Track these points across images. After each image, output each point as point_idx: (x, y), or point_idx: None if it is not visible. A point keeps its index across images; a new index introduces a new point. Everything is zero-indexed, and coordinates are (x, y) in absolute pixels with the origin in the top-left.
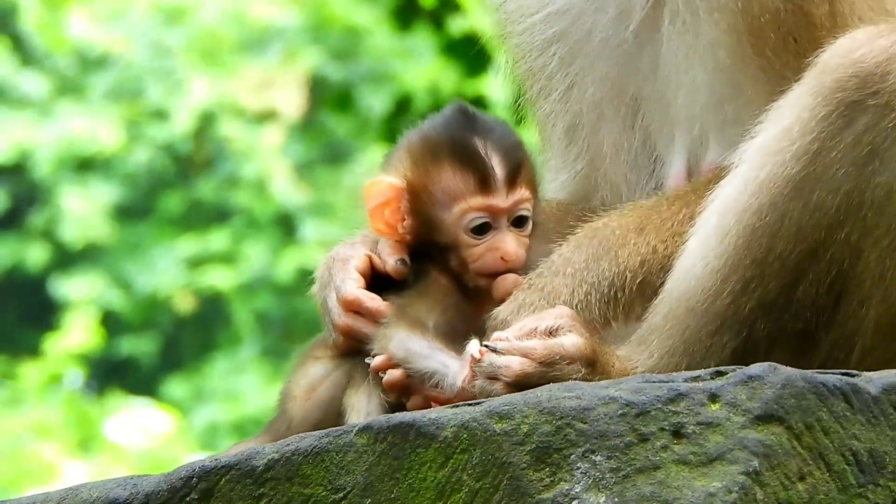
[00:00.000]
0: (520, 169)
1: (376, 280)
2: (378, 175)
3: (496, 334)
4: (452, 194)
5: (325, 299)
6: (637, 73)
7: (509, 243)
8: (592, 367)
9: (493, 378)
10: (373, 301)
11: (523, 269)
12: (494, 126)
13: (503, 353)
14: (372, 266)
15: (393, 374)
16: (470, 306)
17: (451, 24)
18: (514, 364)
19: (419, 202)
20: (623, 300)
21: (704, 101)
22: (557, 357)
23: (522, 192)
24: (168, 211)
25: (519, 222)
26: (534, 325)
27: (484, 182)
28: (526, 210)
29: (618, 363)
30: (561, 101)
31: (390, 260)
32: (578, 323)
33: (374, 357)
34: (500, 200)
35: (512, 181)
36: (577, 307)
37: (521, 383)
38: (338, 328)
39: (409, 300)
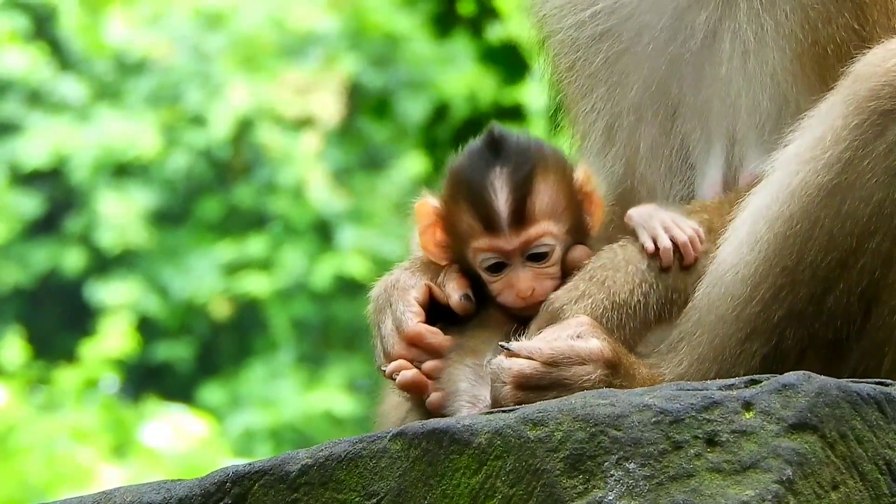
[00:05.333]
0: (527, 206)
1: (434, 309)
2: (426, 195)
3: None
4: (465, 233)
5: (380, 325)
6: (681, 79)
7: (522, 282)
8: (614, 369)
9: (502, 382)
10: (434, 336)
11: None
12: (514, 156)
13: (514, 355)
14: (431, 295)
15: (405, 375)
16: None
17: (489, 31)
18: (515, 365)
19: (448, 232)
20: (679, 302)
21: (755, 121)
22: (563, 358)
23: (534, 230)
24: (205, 217)
25: (536, 258)
26: (556, 333)
27: (488, 224)
28: (544, 246)
29: (644, 369)
30: (602, 100)
31: (455, 295)
32: (599, 329)
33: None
34: (505, 242)
35: (518, 221)
36: (634, 307)
37: (521, 384)
38: (390, 357)
39: (470, 334)
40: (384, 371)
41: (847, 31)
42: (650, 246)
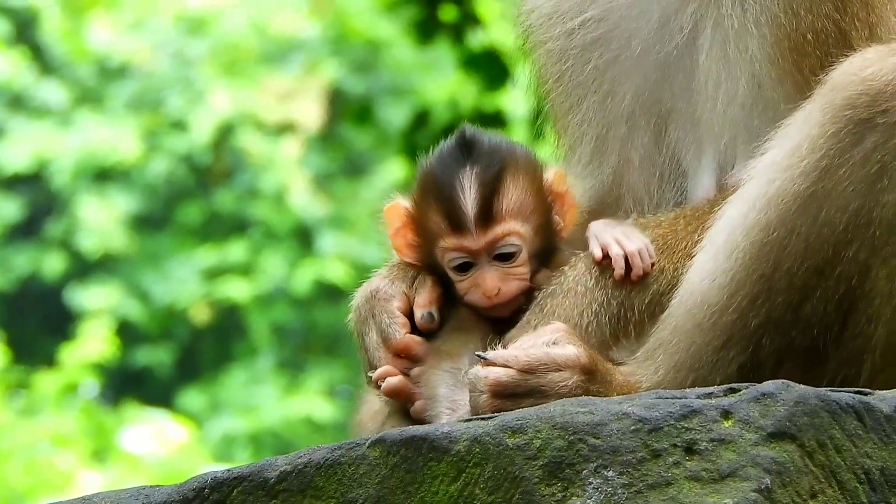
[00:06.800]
0: (494, 206)
1: (412, 315)
2: (397, 198)
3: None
4: (433, 232)
5: (364, 336)
6: (672, 84)
7: (488, 281)
8: (590, 375)
9: (479, 391)
10: (422, 346)
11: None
12: (483, 156)
13: (491, 364)
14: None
15: (391, 382)
16: (501, 329)
17: (471, 38)
18: (491, 374)
19: (417, 233)
20: (633, 319)
21: (736, 114)
22: (539, 365)
23: (500, 229)
24: (186, 222)
25: (503, 258)
26: (531, 340)
27: (455, 223)
28: (510, 246)
29: (620, 376)
30: (592, 110)
31: (417, 312)
32: (575, 336)
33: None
34: (471, 242)
35: (484, 221)
36: (586, 328)
37: (498, 392)
38: (376, 368)
39: (445, 337)
40: (370, 377)
41: (828, 20)
42: (598, 254)
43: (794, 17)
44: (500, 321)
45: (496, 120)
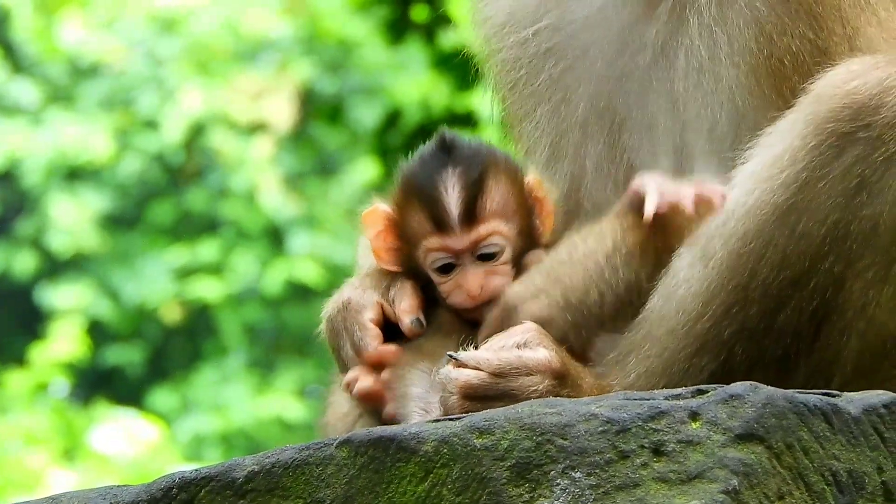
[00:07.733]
0: (478, 205)
1: (387, 323)
2: (376, 202)
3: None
4: (414, 234)
5: (339, 350)
6: (628, 94)
7: (471, 281)
8: (561, 380)
9: (449, 392)
10: (394, 356)
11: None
12: (465, 158)
13: (462, 365)
14: (384, 312)
15: (363, 385)
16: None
17: (442, 38)
18: (462, 376)
19: (399, 236)
20: (637, 303)
21: (704, 135)
22: (510, 369)
23: (484, 228)
24: (157, 221)
25: (486, 257)
26: (502, 342)
27: (439, 223)
28: (493, 245)
29: (591, 379)
30: (546, 118)
31: (405, 319)
32: (546, 337)
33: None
34: (456, 241)
35: (468, 220)
36: (590, 306)
37: (468, 395)
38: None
39: (424, 336)
40: (346, 384)
41: (803, 41)
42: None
43: (767, 43)
44: (480, 325)
45: (468, 120)
